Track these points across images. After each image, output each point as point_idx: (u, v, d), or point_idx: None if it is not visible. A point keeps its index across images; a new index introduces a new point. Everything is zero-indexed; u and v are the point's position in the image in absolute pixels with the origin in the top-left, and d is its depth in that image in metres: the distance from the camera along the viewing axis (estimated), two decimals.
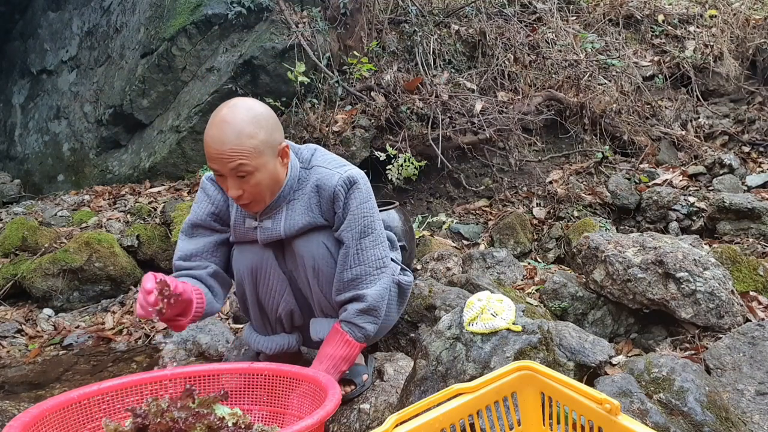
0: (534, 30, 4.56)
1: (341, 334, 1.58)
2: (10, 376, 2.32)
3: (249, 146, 1.41)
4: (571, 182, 3.64)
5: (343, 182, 1.54)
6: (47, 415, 1.19)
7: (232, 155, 1.40)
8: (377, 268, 1.59)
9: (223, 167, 1.42)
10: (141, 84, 4.26)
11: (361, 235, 1.56)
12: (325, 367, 1.55)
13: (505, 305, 1.47)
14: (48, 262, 2.94)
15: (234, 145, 1.39)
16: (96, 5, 5.09)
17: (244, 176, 1.43)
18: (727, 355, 1.66)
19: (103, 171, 4.56)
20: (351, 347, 1.57)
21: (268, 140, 1.45)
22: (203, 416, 1.13)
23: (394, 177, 3.43)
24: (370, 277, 1.58)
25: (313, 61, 3.81)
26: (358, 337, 1.58)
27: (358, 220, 1.56)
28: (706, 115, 4.16)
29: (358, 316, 1.57)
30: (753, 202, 2.92)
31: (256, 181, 1.45)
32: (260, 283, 1.64)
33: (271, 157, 1.47)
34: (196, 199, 1.69)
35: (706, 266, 1.96)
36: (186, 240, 1.66)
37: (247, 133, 1.40)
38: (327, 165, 1.59)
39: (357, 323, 1.57)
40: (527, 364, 1.18)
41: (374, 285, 1.58)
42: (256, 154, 1.42)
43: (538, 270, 2.74)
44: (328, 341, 1.59)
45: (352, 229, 1.56)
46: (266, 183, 1.48)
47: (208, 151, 1.43)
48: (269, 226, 1.58)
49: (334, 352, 1.56)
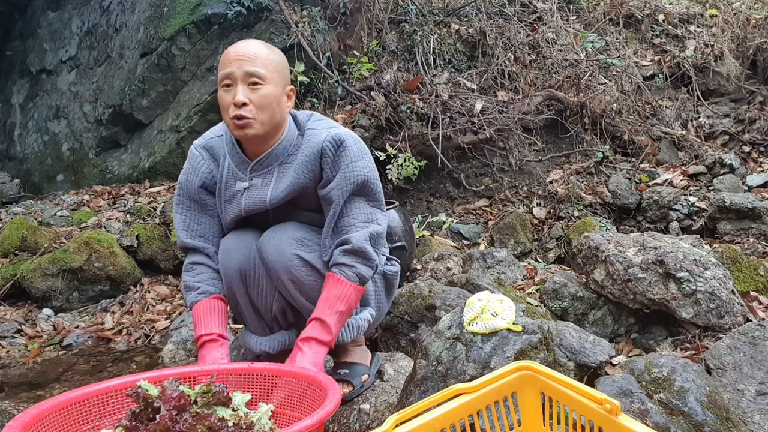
0: (534, 29, 4.56)
1: (330, 276, 1.53)
2: (10, 376, 2.32)
3: (268, 57, 1.51)
4: (572, 182, 3.64)
5: (331, 139, 1.54)
6: (47, 415, 1.18)
7: (252, 58, 1.47)
8: (363, 222, 1.55)
9: (238, 69, 1.47)
10: (140, 84, 4.26)
11: (351, 193, 1.54)
12: (321, 310, 1.51)
13: (506, 305, 1.47)
14: (47, 262, 2.94)
15: (256, 50, 1.49)
16: (95, 5, 5.09)
17: (255, 84, 1.47)
18: (727, 355, 1.66)
19: (102, 171, 4.56)
20: (343, 285, 1.52)
21: (282, 69, 1.56)
22: (204, 417, 1.12)
23: (394, 177, 3.42)
24: (354, 228, 1.54)
25: (312, 61, 3.81)
26: (349, 275, 1.52)
27: (349, 179, 1.54)
28: (707, 114, 4.16)
29: (344, 256, 1.52)
30: (753, 202, 2.91)
31: (264, 93, 1.48)
32: (250, 285, 1.62)
33: (281, 85, 1.53)
34: (184, 168, 1.68)
35: (706, 266, 1.96)
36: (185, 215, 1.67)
37: (272, 50, 1.54)
38: (317, 127, 1.60)
39: (344, 262, 1.52)
40: (527, 364, 1.18)
41: (358, 231, 1.54)
42: (272, 68, 1.50)
43: (539, 270, 2.74)
44: (322, 288, 1.55)
45: (342, 188, 1.53)
46: (271, 101, 1.50)
47: (226, 56, 1.49)
48: (258, 185, 1.57)
49: (327, 294, 1.51)
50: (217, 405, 1.21)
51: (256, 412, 1.27)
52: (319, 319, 1.51)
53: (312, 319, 1.52)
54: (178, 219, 1.68)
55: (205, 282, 1.63)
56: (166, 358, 2.32)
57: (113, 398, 1.32)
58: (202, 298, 1.61)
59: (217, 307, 1.61)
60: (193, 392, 1.21)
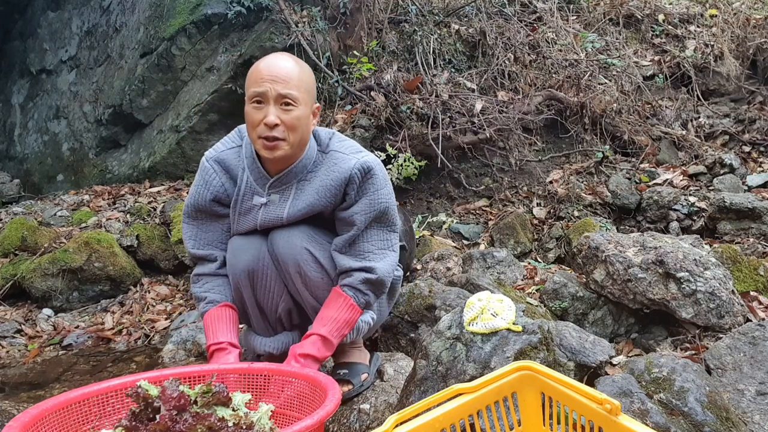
0: (534, 29, 4.56)
1: (345, 298, 1.55)
2: (10, 376, 2.32)
3: (301, 77, 1.48)
4: (572, 182, 3.64)
5: (360, 167, 1.54)
6: (47, 415, 1.18)
7: (285, 79, 1.45)
8: (381, 249, 1.59)
9: (272, 89, 1.44)
10: (140, 84, 4.26)
11: (373, 219, 1.56)
12: (328, 329, 1.53)
13: (506, 305, 1.47)
14: (47, 262, 2.94)
15: (290, 70, 1.46)
16: (95, 5, 5.09)
17: (288, 105, 1.46)
18: (727, 355, 1.66)
19: (102, 171, 4.56)
20: (354, 311, 1.56)
21: (312, 87, 1.53)
22: (204, 417, 1.12)
23: (394, 177, 3.42)
24: (374, 253, 1.57)
25: (312, 61, 3.81)
26: (361, 302, 1.57)
27: (374, 206, 1.55)
28: (707, 114, 4.16)
29: (363, 284, 1.56)
30: (753, 202, 2.91)
31: (296, 114, 1.47)
32: (258, 285, 1.63)
33: (309, 104, 1.52)
34: (195, 181, 1.68)
35: (706, 266, 1.96)
36: (192, 225, 1.67)
37: (303, 68, 1.52)
38: (344, 150, 1.59)
39: (362, 290, 1.56)
40: (527, 364, 1.18)
41: (382, 260, 1.57)
42: (303, 89, 1.48)
43: (539, 270, 2.73)
44: (329, 304, 1.56)
45: (366, 213, 1.55)
46: (302, 122, 1.49)
47: (258, 74, 1.46)
48: (276, 201, 1.57)
49: (338, 315, 1.54)
50: (217, 405, 1.21)
51: (256, 412, 1.27)
52: (325, 338, 1.53)
53: (318, 335, 1.53)
54: (186, 229, 1.68)
55: (211, 291, 1.63)
56: (166, 358, 2.32)
57: (113, 398, 1.32)
58: (210, 307, 1.62)
59: (226, 315, 1.62)
60: (193, 392, 1.21)
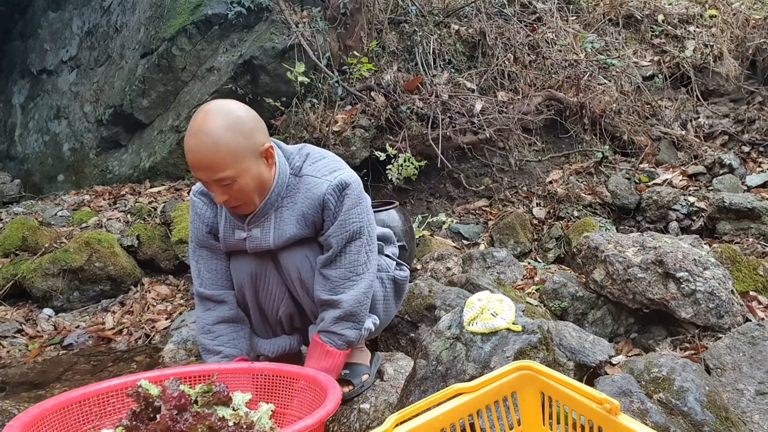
0: (534, 30, 4.56)
1: (321, 346, 1.56)
2: (11, 375, 2.32)
3: (227, 155, 1.38)
4: (571, 182, 3.64)
5: (332, 190, 1.52)
6: (47, 415, 1.19)
7: (211, 166, 1.39)
8: (356, 274, 1.56)
9: (204, 177, 1.42)
10: (141, 84, 4.26)
11: (347, 240, 1.54)
12: None
13: (505, 305, 1.47)
14: (48, 262, 2.94)
15: (211, 155, 1.37)
16: (96, 5, 5.09)
17: (227, 184, 1.42)
18: (727, 355, 1.66)
19: (103, 171, 4.56)
20: (333, 357, 1.56)
21: (248, 145, 1.42)
22: (204, 417, 1.13)
23: (394, 177, 3.42)
24: (347, 282, 1.55)
25: (313, 61, 3.81)
26: (339, 344, 1.56)
27: (346, 226, 1.53)
28: (706, 114, 4.16)
29: (335, 324, 1.55)
30: (753, 202, 2.92)
31: (239, 187, 1.44)
32: (260, 288, 1.64)
33: (253, 161, 1.44)
34: (190, 218, 1.69)
35: (706, 266, 1.96)
36: (197, 263, 1.68)
37: (225, 141, 1.37)
38: (316, 174, 1.55)
39: (335, 331, 1.55)
40: (527, 363, 1.18)
41: (350, 290, 1.55)
42: (235, 162, 1.40)
43: (538, 270, 2.74)
44: (310, 355, 1.58)
45: (339, 234, 1.53)
46: (251, 186, 1.47)
47: (188, 160, 1.42)
48: (258, 235, 1.57)
49: (317, 365, 1.54)
50: (218, 405, 1.21)
51: (257, 412, 1.27)
52: None
53: None
54: (193, 266, 1.69)
55: (225, 345, 1.63)
56: (167, 358, 2.33)
57: (114, 398, 1.33)
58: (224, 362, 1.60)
59: None
60: (194, 392, 1.22)
